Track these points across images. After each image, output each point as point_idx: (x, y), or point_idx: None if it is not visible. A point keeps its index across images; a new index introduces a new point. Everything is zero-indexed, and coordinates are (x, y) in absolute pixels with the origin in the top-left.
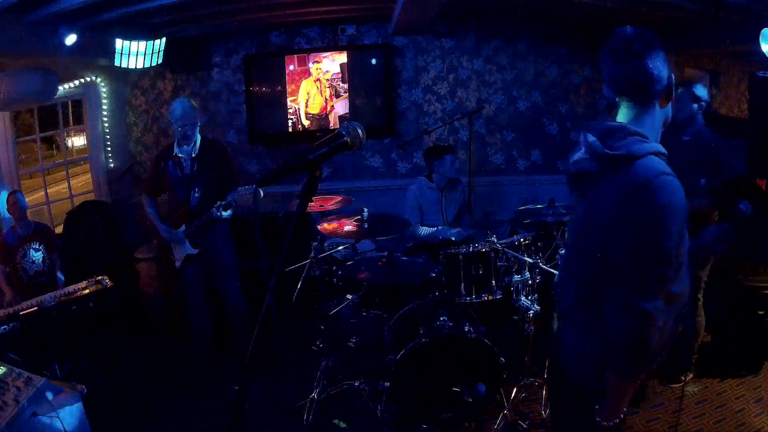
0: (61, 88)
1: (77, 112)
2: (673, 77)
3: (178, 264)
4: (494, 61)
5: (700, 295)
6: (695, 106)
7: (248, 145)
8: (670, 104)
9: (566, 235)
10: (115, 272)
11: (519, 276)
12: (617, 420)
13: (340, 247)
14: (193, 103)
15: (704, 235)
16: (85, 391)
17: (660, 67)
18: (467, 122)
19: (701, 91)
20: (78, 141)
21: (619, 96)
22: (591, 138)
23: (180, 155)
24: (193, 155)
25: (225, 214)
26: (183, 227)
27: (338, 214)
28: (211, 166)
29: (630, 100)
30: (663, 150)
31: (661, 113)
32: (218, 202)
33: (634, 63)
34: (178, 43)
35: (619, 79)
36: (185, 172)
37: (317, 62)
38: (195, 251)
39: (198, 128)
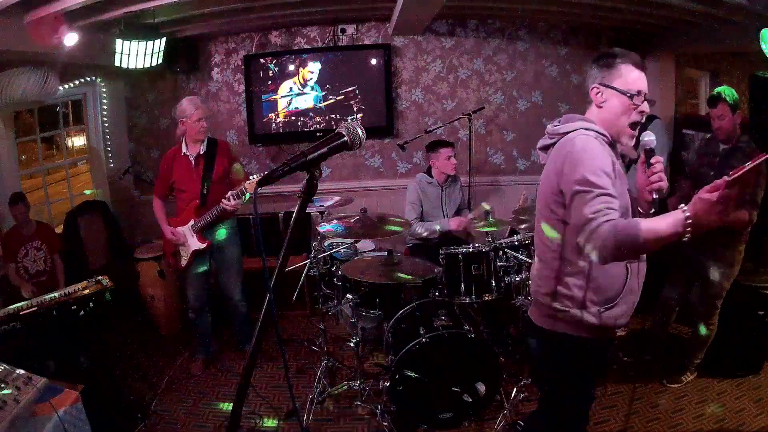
0: (61, 88)
1: (77, 112)
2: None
3: (184, 262)
4: (494, 61)
5: (718, 303)
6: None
7: (248, 145)
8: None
9: None
10: (115, 272)
11: (519, 276)
12: None
13: (340, 247)
14: (200, 103)
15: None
16: (85, 390)
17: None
18: (467, 122)
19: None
20: (78, 141)
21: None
22: (549, 125)
23: (188, 153)
24: (201, 152)
25: (236, 201)
26: (191, 222)
27: (338, 214)
28: (218, 162)
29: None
30: (594, 128)
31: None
32: (229, 192)
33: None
34: (178, 43)
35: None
36: (193, 169)
37: (313, 63)
38: (203, 245)
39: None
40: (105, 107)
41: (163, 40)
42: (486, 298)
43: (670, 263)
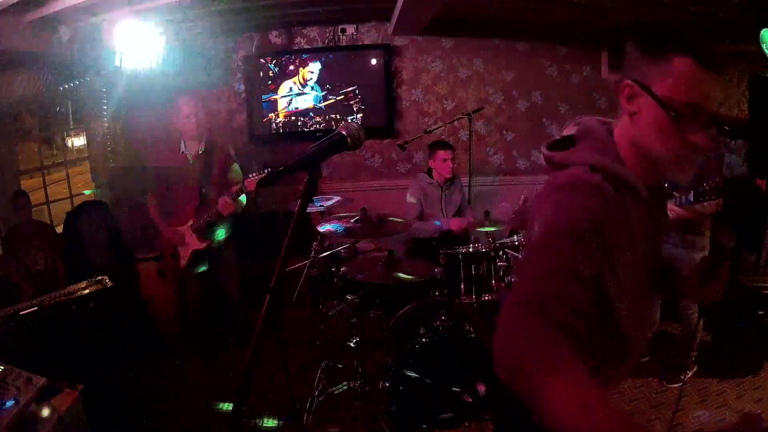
0: (60, 88)
1: (77, 112)
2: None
3: (183, 262)
4: (494, 61)
5: None
6: None
7: (248, 145)
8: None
9: None
10: (115, 272)
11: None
12: None
13: (340, 247)
14: (199, 101)
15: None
16: (85, 390)
17: None
18: (467, 122)
19: None
20: (78, 141)
21: None
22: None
23: (185, 152)
24: (200, 152)
25: (232, 201)
26: (190, 222)
27: (338, 214)
28: (217, 162)
29: None
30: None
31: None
32: (231, 191)
33: None
34: (179, 43)
35: None
36: (191, 168)
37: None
38: (202, 245)
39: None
40: (105, 107)
41: (164, 40)
42: (486, 298)
43: None
